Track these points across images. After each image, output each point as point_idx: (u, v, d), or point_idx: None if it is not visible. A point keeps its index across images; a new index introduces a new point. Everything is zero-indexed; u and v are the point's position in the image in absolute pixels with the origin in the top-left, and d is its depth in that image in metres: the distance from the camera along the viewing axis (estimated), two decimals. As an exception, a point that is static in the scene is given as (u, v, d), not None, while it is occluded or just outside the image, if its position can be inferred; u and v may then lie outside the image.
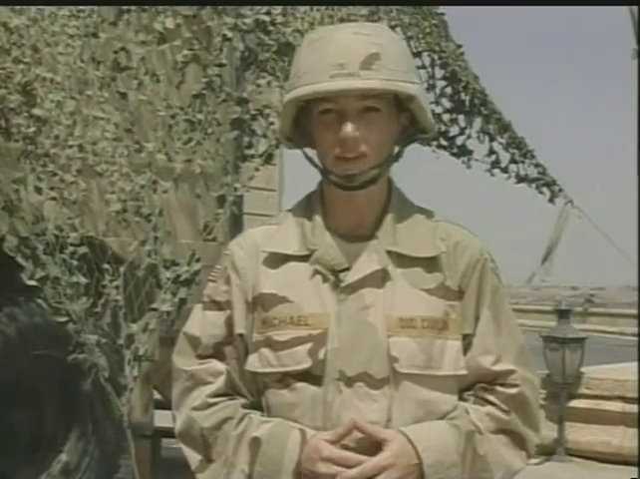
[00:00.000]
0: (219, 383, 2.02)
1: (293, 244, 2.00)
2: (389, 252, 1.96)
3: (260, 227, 2.09)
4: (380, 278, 1.95)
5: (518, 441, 2.01)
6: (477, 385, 2.00)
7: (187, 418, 2.02)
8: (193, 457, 2.02)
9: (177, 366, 2.07)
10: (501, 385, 2.00)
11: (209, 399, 2.01)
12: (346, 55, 1.91)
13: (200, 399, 2.01)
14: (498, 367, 2.00)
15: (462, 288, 1.99)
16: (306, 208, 2.04)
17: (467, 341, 1.99)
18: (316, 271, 1.96)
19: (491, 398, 2.00)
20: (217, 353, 2.03)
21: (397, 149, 2.03)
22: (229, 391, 2.02)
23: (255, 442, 1.94)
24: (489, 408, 1.99)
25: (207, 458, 2.00)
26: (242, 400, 2.01)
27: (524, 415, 2.02)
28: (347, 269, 1.96)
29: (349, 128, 1.91)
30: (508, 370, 2.01)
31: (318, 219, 2.01)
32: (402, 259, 1.97)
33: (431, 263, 1.98)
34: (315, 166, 2.02)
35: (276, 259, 1.99)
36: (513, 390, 2.00)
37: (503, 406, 2.00)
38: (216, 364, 2.02)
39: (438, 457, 1.90)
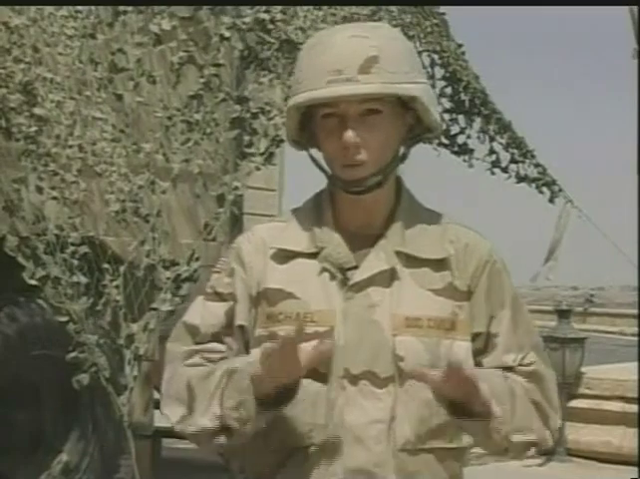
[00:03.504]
0: (217, 357, 1.99)
1: (302, 242, 2.00)
2: (397, 253, 1.97)
3: (269, 223, 2.10)
4: (387, 278, 1.96)
5: (543, 415, 2.02)
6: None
7: (177, 374, 1.99)
8: (176, 413, 1.98)
9: (173, 350, 2.04)
10: (519, 365, 2.03)
11: (205, 361, 1.99)
12: (344, 60, 1.91)
13: (195, 359, 2.00)
14: (518, 360, 2.03)
15: (471, 289, 2.00)
16: (315, 205, 2.05)
17: (482, 340, 2.00)
18: (324, 269, 1.97)
19: (511, 375, 2.01)
20: (216, 342, 2.01)
21: (402, 149, 2.02)
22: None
23: (233, 373, 1.91)
24: (513, 376, 2.01)
25: (190, 410, 1.96)
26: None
27: (543, 391, 2.03)
28: (355, 268, 1.96)
29: (349, 134, 1.92)
30: (524, 355, 2.03)
31: (327, 216, 2.01)
32: (410, 260, 1.97)
33: (439, 264, 1.99)
34: (322, 170, 2.03)
35: (284, 256, 2.00)
36: (531, 367, 2.03)
37: (524, 379, 2.01)
38: (216, 345, 2.01)
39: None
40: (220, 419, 1.90)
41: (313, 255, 1.98)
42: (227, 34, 5.19)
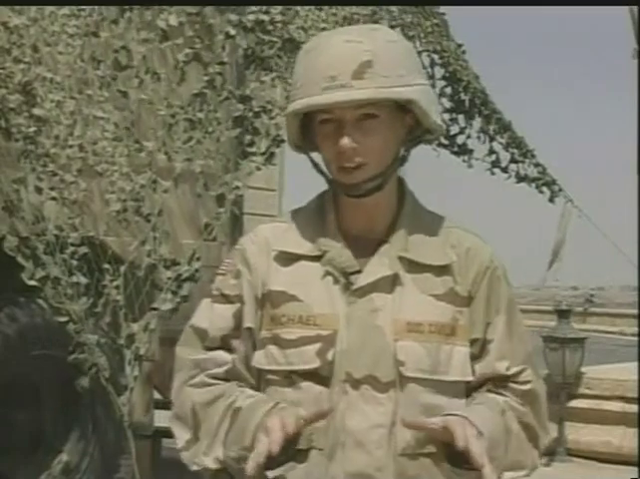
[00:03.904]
0: (222, 371, 2.01)
1: (305, 244, 2.00)
2: (400, 258, 1.97)
3: (271, 223, 2.09)
4: (390, 283, 1.96)
5: (533, 437, 2.04)
6: (487, 383, 2.02)
7: (183, 395, 2.02)
8: (182, 437, 2.01)
9: (182, 356, 2.05)
10: (514, 382, 2.03)
11: (208, 379, 2.01)
12: (337, 66, 1.91)
13: (199, 378, 2.01)
14: (511, 371, 2.03)
15: (471, 294, 2.01)
16: (318, 207, 2.05)
17: (478, 346, 2.01)
18: (327, 273, 1.97)
19: (506, 393, 2.02)
20: (225, 346, 2.02)
21: (402, 151, 2.01)
22: (231, 379, 2.01)
23: (236, 412, 1.94)
24: (508, 399, 2.02)
25: (195, 437, 1.99)
26: (242, 384, 2.01)
27: (536, 412, 2.05)
28: (358, 272, 1.96)
29: (345, 140, 1.92)
30: (520, 369, 2.04)
31: (330, 219, 2.02)
32: (413, 265, 1.98)
33: (441, 270, 1.99)
34: (322, 173, 2.03)
35: (287, 258, 2.00)
36: (527, 386, 2.04)
37: (519, 400, 2.02)
38: (222, 354, 2.01)
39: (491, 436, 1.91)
40: (223, 463, 1.95)
41: (316, 258, 1.98)
42: (233, 32, 5.18)
